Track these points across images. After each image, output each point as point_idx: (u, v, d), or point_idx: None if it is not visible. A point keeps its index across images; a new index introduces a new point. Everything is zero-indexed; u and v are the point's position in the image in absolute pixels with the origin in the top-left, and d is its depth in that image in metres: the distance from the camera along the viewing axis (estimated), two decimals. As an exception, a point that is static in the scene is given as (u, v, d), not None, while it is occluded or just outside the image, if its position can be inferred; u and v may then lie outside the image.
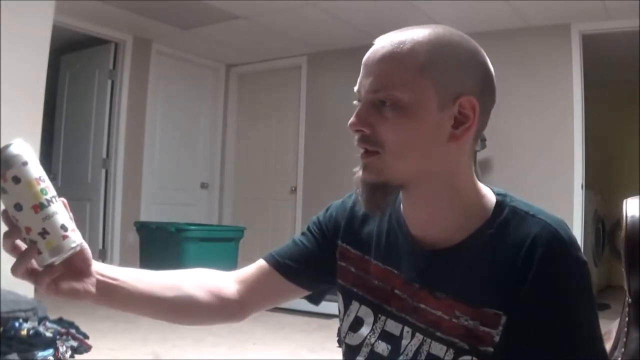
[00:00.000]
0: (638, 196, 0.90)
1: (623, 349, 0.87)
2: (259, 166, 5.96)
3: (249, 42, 5.32)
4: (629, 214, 0.88)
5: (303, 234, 1.00)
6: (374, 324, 0.86)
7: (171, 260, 3.71)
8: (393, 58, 0.76)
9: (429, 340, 0.80)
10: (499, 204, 0.80)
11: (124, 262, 5.04)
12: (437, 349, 0.78)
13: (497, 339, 0.75)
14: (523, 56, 4.58)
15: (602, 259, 5.37)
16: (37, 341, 2.61)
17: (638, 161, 5.09)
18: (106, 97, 5.10)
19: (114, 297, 0.84)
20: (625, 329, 0.87)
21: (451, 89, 0.75)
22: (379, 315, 0.86)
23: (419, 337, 0.81)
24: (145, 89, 5.30)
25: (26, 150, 0.75)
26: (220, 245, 3.92)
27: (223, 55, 5.86)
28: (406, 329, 0.83)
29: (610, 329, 0.98)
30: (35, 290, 3.54)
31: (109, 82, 5.12)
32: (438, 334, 0.79)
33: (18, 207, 0.72)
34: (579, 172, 4.31)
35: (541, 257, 0.73)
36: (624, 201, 0.90)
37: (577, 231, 4.30)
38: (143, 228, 4.23)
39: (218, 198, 6.05)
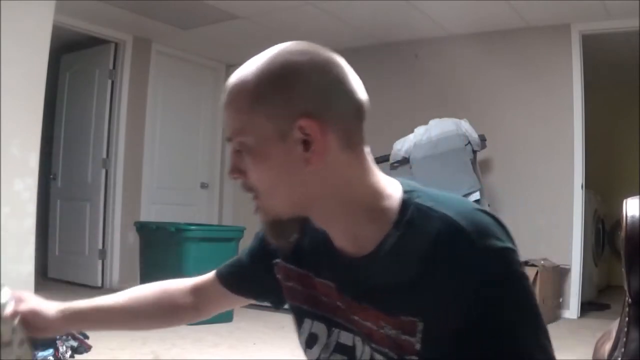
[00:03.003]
0: (638, 196, 0.90)
1: (623, 349, 0.87)
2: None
3: (249, 42, 5.31)
4: (629, 214, 0.88)
5: (249, 248, 1.02)
6: (328, 338, 0.86)
7: (171, 260, 3.71)
8: (230, 104, 0.77)
9: (370, 350, 0.79)
10: (404, 203, 0.76)
11: (124, 262, 5.04)
12: (379, 359, 0.78)
13: (418, 346, 0.73)
14: (523, 56, 4.58)
15: (602, 259, 5.37)
16: (37, 341, 2.61)
17: (638, 161, 5.09)
18: (106, 97, 5.10)
19: (79, 322, 1.03)
20: (625, 329, 0.87)
21: (285, 115, 0.72)
22: (332, 329, 0.85)
23: (366, 347, 0.80)
24: (145, 89, 5.30)
25: None
26: (220, 245, 3.92)
27: (223, 55, 5.86)
28: (356, 338, 0.82)
29: (610, 329, 0.98)
30: (35, 290, 3.54)
31: (109, 82, 5.12)
32: (373, 345, 0.78)
33: None
34: (579, 172, 4.31)
35: (447, 257, 0.71)
36: (624, 201, 0.90)
37: (577, 231, 4.30)
38: (143, 228, 4.22)
39: (218, 198, 6.05)
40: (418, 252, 0.73)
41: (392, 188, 0.79)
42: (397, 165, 4.09)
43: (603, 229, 5.36)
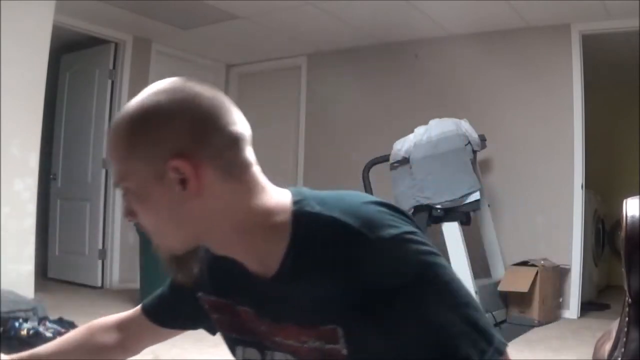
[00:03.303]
0: (638, 196, 0.90)
1: (623, 349, 0.87)
2: (259, 166, 5.95)
3: (249, 42, 5.31)
4: (629, 214, 0.88)
5: (171, 281, 1.01)
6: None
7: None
8: (110, 154, 0.79)
9: None
10: (295, 215, 0.77)
11: (124, 262, 5.04)
12: None
13: (345, 351, 0.74)
14: (523, 56, 4.58)
15: (602, 259, 5.37)
16: (37, 341, 2.60)
17: (638, 161, 5.09)
18: (106, 97, 5.09)
19: None
20: (625, 329, 0.88)
21: (158, 157, 0.73)
22: (265, 351, 0.86)
23: None
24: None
25: None
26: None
27: (223, 55, 5.86)
28: (288, 356, 0.83)
29: (610, 329, 0.98)
30: (35, 291, 3.54)
31: (109, 82, 5.12)
32: None
33: None
34: (579, 172, 4.31)
35: (345, 258, 0.72)
36: (624, 201, 0.90)
37: (577, 231, 4.30)
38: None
39: (218, 198, 6.04)
40: (318, 261, 0.74)
41: (283, 202, 0.79)
42: (397, 165, 4.09)
43: (603, 229, 5.36)
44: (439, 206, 3.87)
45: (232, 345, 0.92)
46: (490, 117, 4.55)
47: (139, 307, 1.04)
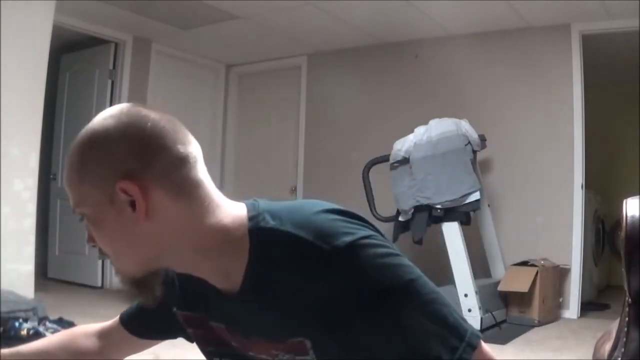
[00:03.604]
0: (638, 196, 0.90)
1: (623, 349, 0.87)
2: (259, 166, 5.96)
3: (249, 42, 5.31)
4: (629, 214, 0.88)
5: None
6: None
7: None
8: (65, 181, 0.79)
9: None
10: (251, 232, 0.77)
11: (124, 262, 5.04)
12: None
13: None
14: (523, 56, 4.58)
15: (602, 259, 5.37)
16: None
17: (638, 161, 5.09)
18: (106, 97, 5.10)
19: None
20: (625, 329, 0.87)
21: (107, 181, 0.74)
22: None
23: None
24: (145, 89, 5.30)
25: None
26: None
27: (223, 55, 5.86)
28: None
29: (610, 329, 0.98)
30: (35, 291, 3.54)
31: (109, 82, 5.12)
32: None
33: None
34: (579, 172, 4.31)
35: (303, 271, 0.71)
36: (624, 201, 0.90)
37: (577, 231, 4.30)
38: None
39: (218, 198, 6.04)
40: (278, 276, 0.74)
41: (239, 217, 0.79)
42: (397, 165, 4.09)
43: (603, 229, 5.36)
44: (439, 206, 3.87)
45: (209, 358, 0.93)
46: (490, 117, 4.55)
47: (117, 317, 1.05)
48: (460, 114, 4.23)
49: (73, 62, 5.34)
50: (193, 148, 0.80)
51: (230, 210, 0.80)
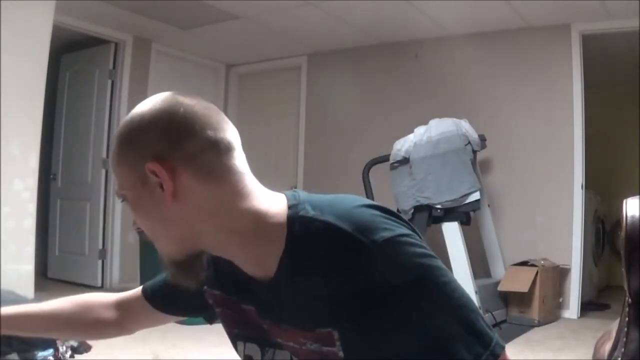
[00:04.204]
0: (638, 196, 0.90)
1: (623, 349, 0.87)
2: (259, 166, 5.87)
3: (249, 42, 5.31)
4: (629, 214, 0.88)
5: None
6: (262, 357, 0.88)
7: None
8: (110, 161, 0.85)
9: None
10: (290, 220, 0.78)
11: (124, 262, 5.04)
12: None
13: (341, 354, 0.76)
14: (523, 56, 4.58)
15: (602, 259, 5.37)
16: (37, 341, 2.60)
17: (638, 161, 5.10)
18: (106, 97, 5.09)
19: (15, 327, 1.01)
20: (625, 329, 0.87)
21: (140, 163, 0.77)
22: (266, 348, 0.87)
23: None
24: (145, 89, 5.30)
25: None
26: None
27: (223, 55, 5.86)
28: (293, 357, 0.84)
29: (610, 329, 0.98)
30: (35, 290, 3.54)
31: (109, 82, 5.12)
32: None
33: None
34: (579, 172, 4.31)
35: (340, 262, 0.73)
36: (624, 201, 0.90)
37: (577, 231, 4.30)
38: (143, 228, 4.22)
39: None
40: (313, 265, 0.75)
41: (277, 206, 0.80)
42: (397, 165, 4.09)
43: (603, 229, 5.36)
44: (439, 206, 3.87)
45: (234, 340, 0.94)
46: (490, 117, 4.55)
47: (139, 289, 1.06)
48: (460, 114, 4.23)
49: (73, 62, 5.34)
50: (228, 135, 0.81)
51: (268, 198, 0.81)
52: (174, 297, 1.00)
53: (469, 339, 0.71)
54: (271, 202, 0.81)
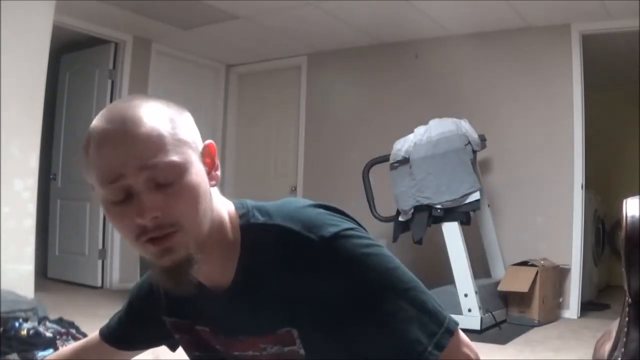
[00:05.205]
0: (638, 196, 0.90)
1: (623, 349, 0.87)
2: (259, 166, 5.96)
3: (249, 42, 5.31)
4: (629, 214, 0.88)
5: (127, 305, 1.03)
6: None
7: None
8: (155, 146, 0.73)
9: None
10: (243, 228, 0.80)
11: (124, 262, 5.04)
12: None
13: (302, 352, 0.78)
14: (523, 56, 4.58)
15: (602, 259, 5.37)
16: (37, 341, 2.60)
17: (638, 161, 5.10)
18: (106, 97, 5.09)
19: None
20: (625, 329, 0.87)
21: (197, 142, 0.79)
22: None
23: None
24: (145, 89, 5.30)
25: None
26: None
27: (223, 55, 5.86)
28: None
29: (610, 329, 0.98)
30: (35, 290, 3.54)
31: (109, 82, 5.12)
32: None
33: None
34: (579, 172, 4.31)
35: (292, 261, 0.75)
36: (624, 201, 0.90)
37: (577, 231, 4.30)
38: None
39: (218, 198, 6.04)
40: (269, 267, 0.77)
41: (230, 214, 0.82)
42: (397, 165, 4.09)
43: (603, 229, 5.36)
44: (439, 206, 3.87)
45: None
46: (490, 117, 4.55)
47: (96, 334, 1.05)
48: (460, 114, 4.23)
49: (73, 62, 5.34)
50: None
51: (223, 206, 0.83)
52: (134, 333, 1.02)
53: (422, 319, 0.73)
54: (228, 209, 0.83)
